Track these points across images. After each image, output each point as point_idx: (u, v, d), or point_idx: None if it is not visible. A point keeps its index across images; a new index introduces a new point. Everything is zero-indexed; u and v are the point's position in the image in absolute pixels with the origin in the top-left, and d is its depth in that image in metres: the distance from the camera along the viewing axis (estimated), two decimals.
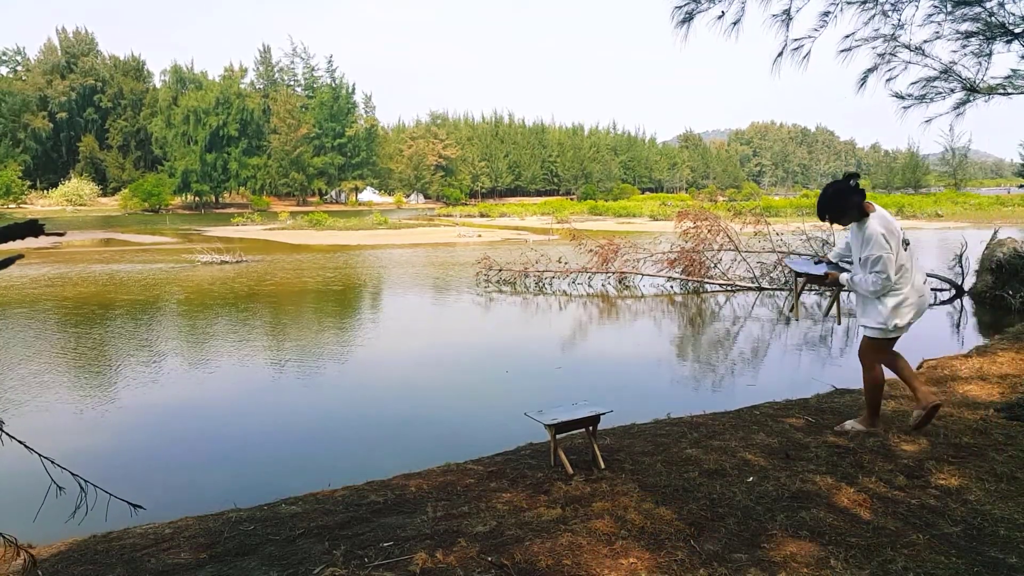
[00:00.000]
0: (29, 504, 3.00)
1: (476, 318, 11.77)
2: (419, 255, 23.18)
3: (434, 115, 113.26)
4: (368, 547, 3.21)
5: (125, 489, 2.88)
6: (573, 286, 14.73)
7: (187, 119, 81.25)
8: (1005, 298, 11.15)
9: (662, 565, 2.92)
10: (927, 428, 4.55)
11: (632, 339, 9.94)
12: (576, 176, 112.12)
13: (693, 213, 15.10)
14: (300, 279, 16.75)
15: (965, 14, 5.56)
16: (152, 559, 3.21)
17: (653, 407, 5.79)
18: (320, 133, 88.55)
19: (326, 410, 6.61)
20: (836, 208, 4.37)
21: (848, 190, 4.34)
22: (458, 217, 51.33)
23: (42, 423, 6.15)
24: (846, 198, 4.34)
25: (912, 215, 41.59)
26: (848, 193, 4.34)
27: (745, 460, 4.18)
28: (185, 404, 6.84)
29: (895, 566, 2.85)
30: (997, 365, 6.57)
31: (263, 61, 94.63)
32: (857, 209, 4.33)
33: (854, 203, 4.33)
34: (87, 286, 15.63)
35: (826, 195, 4.42)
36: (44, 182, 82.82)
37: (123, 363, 8.46)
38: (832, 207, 4.39)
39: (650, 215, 45.91)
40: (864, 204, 4.32)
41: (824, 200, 4.41)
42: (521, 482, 4.01)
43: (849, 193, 4.34)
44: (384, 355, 9.05)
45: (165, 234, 36.82)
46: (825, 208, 4.42)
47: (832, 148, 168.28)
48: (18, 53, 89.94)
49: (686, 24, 5.20)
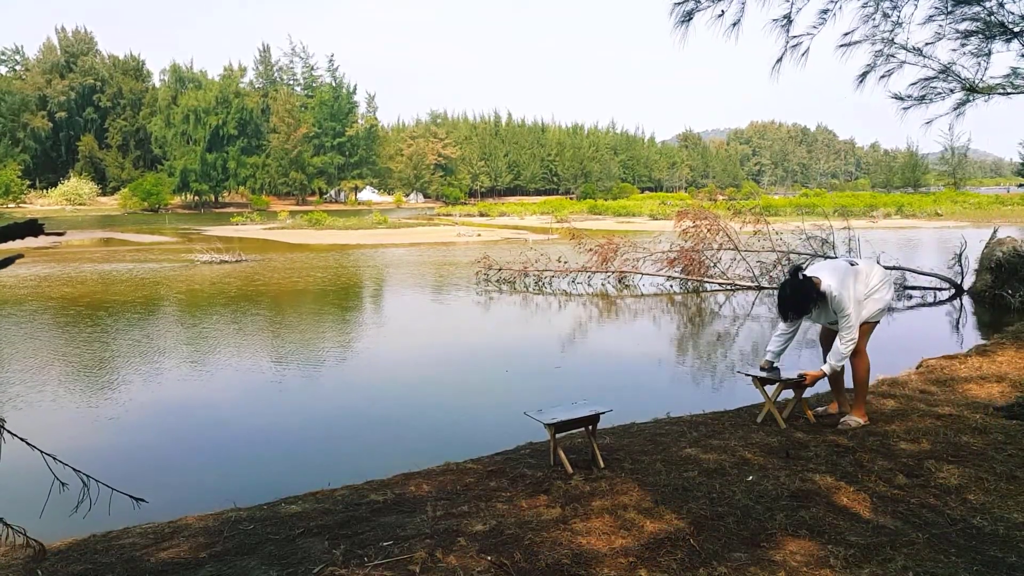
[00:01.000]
0: (31, 501, 3.00)
1: (476, 317, 11.77)
2: (418, 254, 23.18)
3: (434, 114, 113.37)
4: (368, 546, 3.21)
5: (125, 488, 2.87)
6: (573, 285, 14.73)
7: (186, 118, 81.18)
8: (1004, 297, 11.15)
9: (662, 564, 2.92)
10: (927, 428, 4.55)
11: (632, 338, 9.94)
12: (576, 175, 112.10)
13: (692, 212, 15.09)
14: (299, 278, 16.74)
15: (964, 13, 5.56)
16: (152, 558, 3.21)
17: (653, 406, 5.79)
18: (320, 132, 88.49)
19: (326, 409, 6.61)
20: (801, 304, 4.51)
21: (805, 285, 4.48)
22: (457, 216, 51.30)
23: (41, 422, 6.14)
24: (807, 292, 4.47)
25: (912, 214, 41.58)
26: (807, 288, 4.47)
27: (745, 459, 4.18)
28: (185, 403, 6.84)
29: (894, 565, 2.86)
30: (996, 364, 6.58)
31: (262, 60, 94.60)
32: (816, 295, 4.49)
33: (812, 295, 4.48)
34: (86, 285, 15.62)
35: (786, 295, 4.55)
36: (43, 181, 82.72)
37: (122, 362, 8.45)
38: (796, 305, 4.52)
39: (649, 214, 45.88)
40: (816, 284, 4.50)
41: (787, 301, 4.55)
42: (521, 481, 4.01)
43: (807, 288, 4.47)
44: (384, 354, 9.05)
45: (164, 233, 36.80)
46: (791, 307, 4.56)
47: (832, 147, 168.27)
48: (17, 52, 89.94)
49: (685, 23, 5.19)
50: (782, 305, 4.60)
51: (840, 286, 4.45)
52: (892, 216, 40.93)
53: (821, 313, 4.62)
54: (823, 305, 4.53)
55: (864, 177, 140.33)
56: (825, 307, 4.53)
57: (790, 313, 4.60)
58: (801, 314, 4.58)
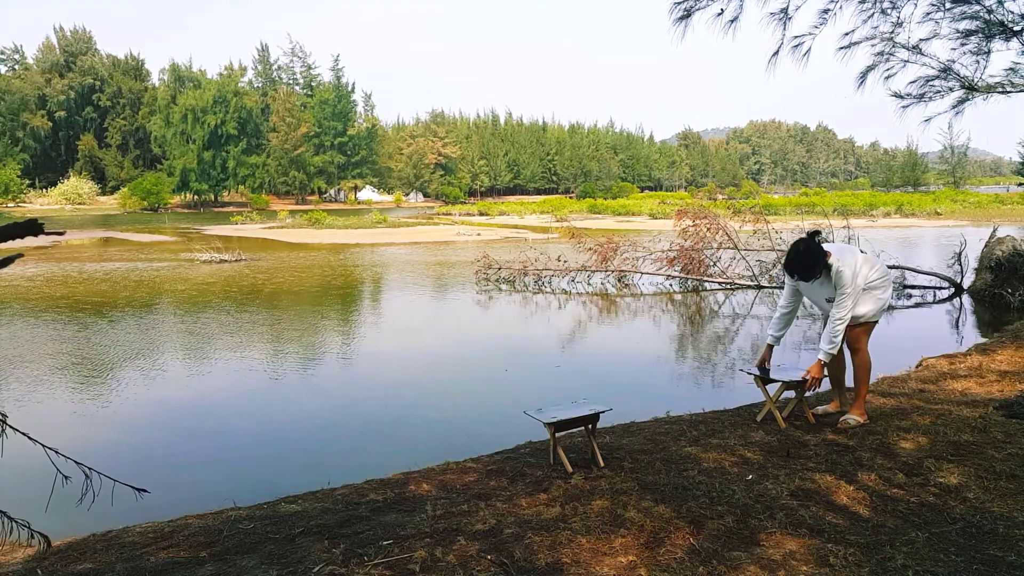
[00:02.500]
0: (34, 499, 3.00)
1: (475, 316, 11.77)
2: (418, 253, 23.18)
3: (434, 114, 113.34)
4: (368, 545, 3.21)
5: (119, 498, 2.87)
6: (572, 284, 14.73)
7: (186, 118, 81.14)
8: (1004, 296, 11.16)
9: (661, 563, 2.92)
10: (926, 426, 4.55)
11: (631, 337, 9.95)
12: (575, 174, 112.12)
13: (692, 211, 15.10)
14: (299, 277, 16.74)
15: (964, 12, 5.55)
16: (152, 557, 3.21)
17: (652, 405, 5.79)
18: (320, 132, 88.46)
19: (325, 408, 6.61)
20: (809, 266, 4.49)
21: (818, 249, 4.47)
22: (457, 215, 51.29)
23: (40, 421, 6.14)
24: (817, 256, 4.47)
25: (911, 213, 41.58)
26: (818, 252, 4.46)
27: (745, 458, 4.18)
28: (185, 402, 6.84)
29: (894, 564, 2.86)
30: (996, 363, 6.58)
31: (261, 60, 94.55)
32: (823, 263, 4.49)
33: (820, 261, 4.47)
34: (86, 285, 15.62)
35: (799, 252, 4.51)
36: (43, 181, 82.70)
37: (122, 361, 8.45)
38: (804, 265, 4.50)
39: (649, 213, 45.89)
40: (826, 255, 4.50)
41: (799, 258, 4.51)
42: (520, 480, 4.01)
43: (819, 252, 4.46)
44: (383, 353, 9.05)
45: (164, 233, 36.79)
46: (799, 266, 4.53)
47: (831, 146, 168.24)
48: (16, 51, 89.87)
49: (684, 21, 5.18)
50: (792, 262, 4.56)
51: (847, 264, 4.47)
52: (892, 215, 40.94)
53: (824, 286, 4.59)
54: (827, 279, 4.52)
55: (864, 176, 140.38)
56: (828, 281, 4.53)
57: (796, 272, 4.56)
58: (806, 276, 4.52)
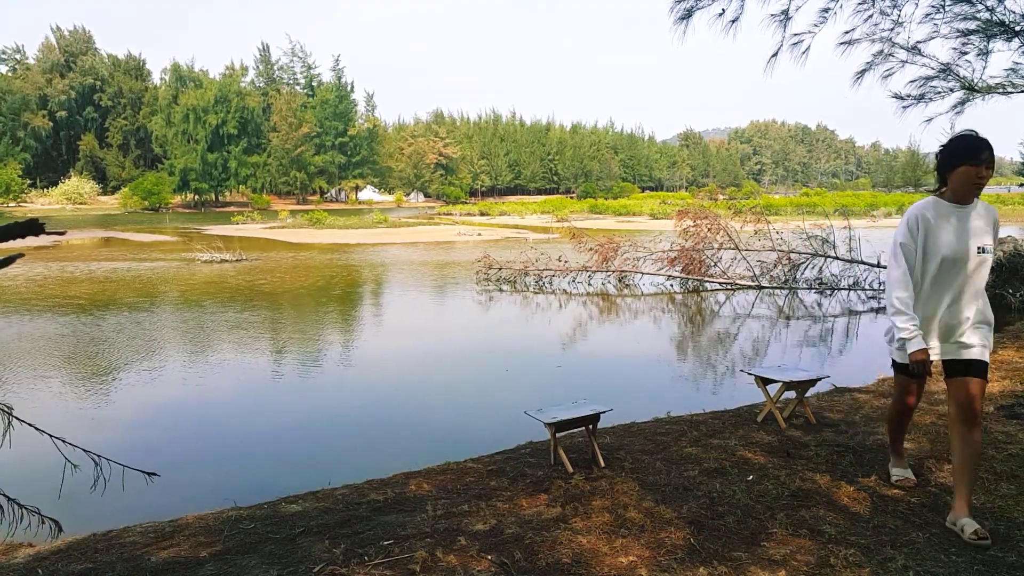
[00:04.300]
0: (43, 493, 3.00)
1: (476, 316, 11.77)
2: (419, 253, 23.18)
3: (434, 113, 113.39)
4: (368, 545, 3.21)
5: (125, 487, 2.89)
6: (573, 285, 14.73)
7: (187, 117, 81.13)
8: (1005, 296, 11.16)
9: (662, 563, 2.92)
10: (926, 426, 4.55)
11: (632, 338, 9.95)
12: (576, 174, 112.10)
13: (693, 212, 15.09)
14: (300, 277, 16.75)
15: (964, 11, 5.55)
16: (152, 557, 3.21)
17: (653, 406, 5.79)
18: (321, 132, 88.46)
19: (326, 408, 6.62)
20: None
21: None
22: (458, 215, 51.30)
23: (40, 421, 6.14)
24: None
25: None
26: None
27: (745, 459, 4.18)
28: (185, 402, 6.84)
29: (895, 564, 2.86)
30: (997, 363, 6.57)
31: (262, 60, 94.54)
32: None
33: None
34: (87, 285, 15.62)
35: (983, 139, 3.13)
36: (44, 181, 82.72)
37: (123, 361, 8.45)
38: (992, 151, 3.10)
39: (650, 214, 45.90)
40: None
41: (986, 142, 3.11)
42: (521, 480, 4.01)
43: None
44: (384, 353, 9.05)
45: (165, 233, 36.80)
46: (989, 145, 3.11)
47: (832, 147, 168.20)
48: (17, 51, 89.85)
49: (685, 21, 5.19)
50: (981, 144, 3.08)
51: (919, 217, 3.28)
52: (893, 215, 40.90)
53: (979, 220, 3.25)
54: (985, 212, 3.28)
55: (865, 176, 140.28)
56: (987, 215, 3.28)
57: (988, 150, 3.08)
58: (992, 158, 3.08)
